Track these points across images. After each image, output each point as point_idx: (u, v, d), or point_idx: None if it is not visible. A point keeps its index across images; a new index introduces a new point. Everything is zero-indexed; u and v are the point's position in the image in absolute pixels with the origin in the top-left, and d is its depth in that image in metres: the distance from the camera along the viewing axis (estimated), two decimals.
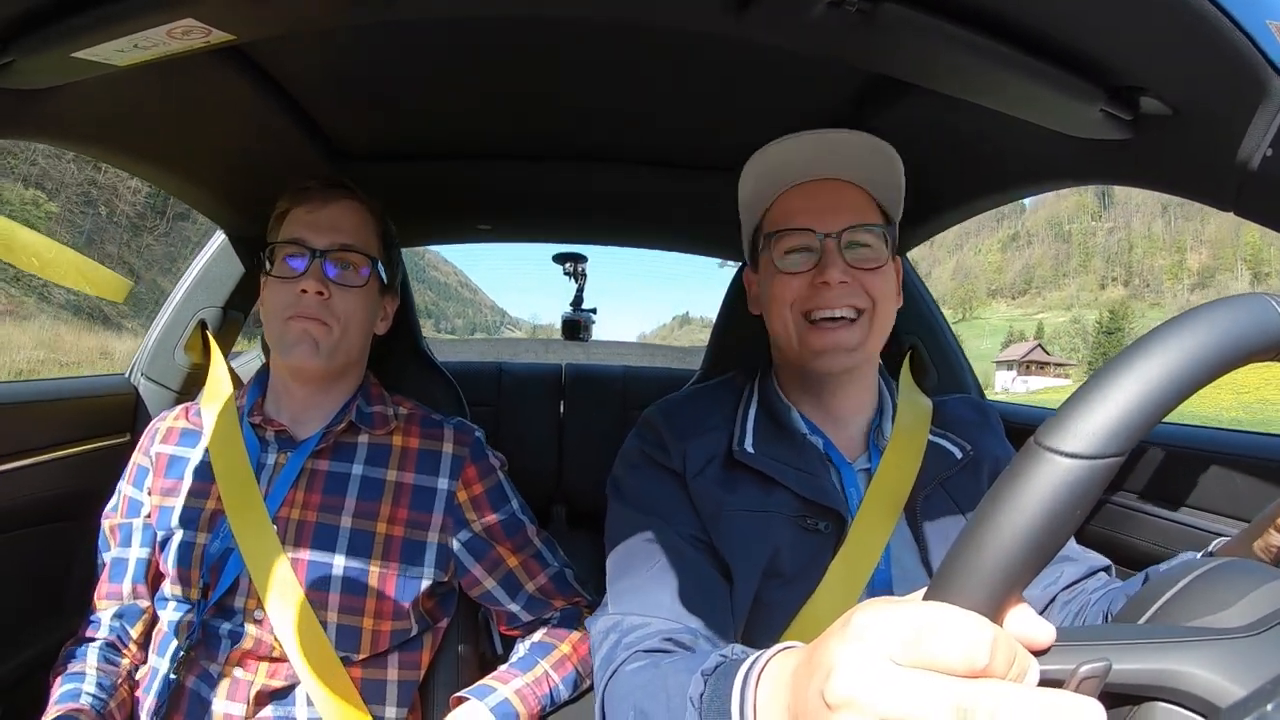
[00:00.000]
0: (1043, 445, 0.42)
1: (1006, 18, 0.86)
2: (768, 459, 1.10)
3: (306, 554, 1.20)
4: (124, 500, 1.32)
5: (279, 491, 1.23)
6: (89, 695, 1.16)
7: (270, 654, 1.18)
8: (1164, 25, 0.80)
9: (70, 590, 1.48)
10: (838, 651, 0.43)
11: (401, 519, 1.25)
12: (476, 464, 1.31)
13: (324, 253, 1.22)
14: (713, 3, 0.86)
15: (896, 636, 0.41)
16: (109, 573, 1.29)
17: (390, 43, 1.24)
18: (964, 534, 0.43)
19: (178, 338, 1.72)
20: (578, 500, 2.25)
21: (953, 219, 1.68)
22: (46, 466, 1.46)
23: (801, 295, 1.08)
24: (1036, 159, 1.28)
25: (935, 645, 0.40)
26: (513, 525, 1.32)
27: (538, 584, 1.31)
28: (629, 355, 3.95)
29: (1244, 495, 1.21)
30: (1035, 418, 1.72)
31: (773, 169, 1.12)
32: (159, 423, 1.36)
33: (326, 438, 1.26)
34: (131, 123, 1.24)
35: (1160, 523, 1.33)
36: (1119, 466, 0.42)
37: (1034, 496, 0.41)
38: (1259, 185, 0.87)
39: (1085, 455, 0.41)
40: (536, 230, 2.58)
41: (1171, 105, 0.92)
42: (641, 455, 1.15)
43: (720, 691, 0.64)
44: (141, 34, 0.83)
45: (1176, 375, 0.42)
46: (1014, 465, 0.43)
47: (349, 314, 1.24)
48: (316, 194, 1.27)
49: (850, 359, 1.09)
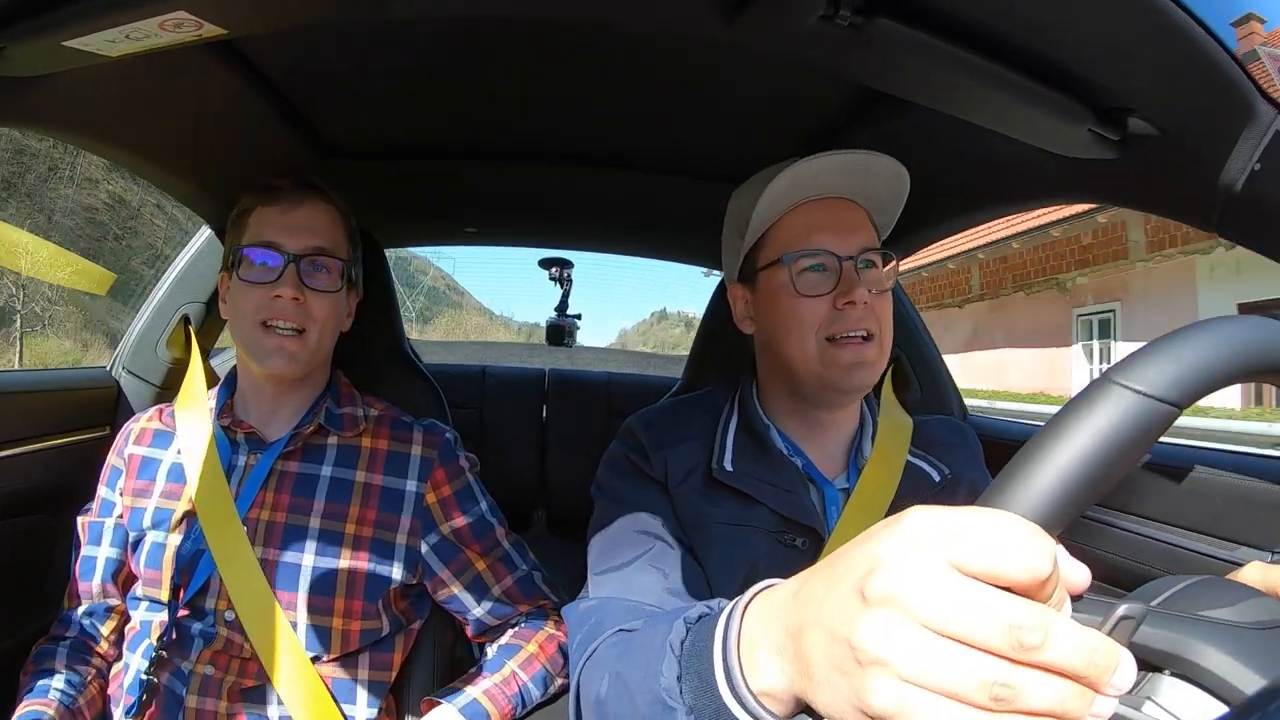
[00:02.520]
0: (1114, 380, 0.45)
1: (998, 36, 0.87)
2: (747, 478, 1.09)
3: (276, 554, 1.20)
4: (98, 499, 1.31)
5: (249, 493, 1.22)
6: (58, 691, 1.15)
7: (242, 654, 1.18)
8: (1154, 48, 0.81)
9: (50, 584, 1.46)
10: (887, 546, 0.40)
11: (370, 520, 1.24)
12: (445, 466, 1.31)
13: (299, 257, 1.21)
14: (702, 8, 0.86)
15: (958, 538, 0.39)
16: (79, 571, 1.29)
17: (382, 40, 1.24)
18: (1024, 452, 0.45)
19: (160, 332, 1.71)
20: (559, 504, 2.24)
21: (936, 234, 1.69)
22: (26, 459, 1.44)
23: (825, 318, 1.06)
24: (1023, 176, 1.29)
25: (1001, 551, 0.38)
26: (481, 528, 1.31)
27: (504, 587, 1.30)
28: (612, 361, 3.95)
29: (1223, 513, 1.22)
30: (1015, 434, 1.73)
31: (795, 184, 1.08)
32: (133, 424, 1.35)
33: (295, 440, 1.26)
34: (121, 114, 1.23)
35: (1137, 539, 1.34)
36: (1174, 420, 0.44)
37: (1100, 423, 0.43)
38: (1242, 207, 0.88)
39: (1152, 395, 0.44)
40: (523, 234, 2.58)
41: (1159, 127, 0.93)
42: (626, 461, 1.15)
43: (703, 633, 0.59)
44: (133, 25, 0.82)
45: (1250, 353, 0.45)
46: (1083, 393, 0.45)
47: (324, 318, 1.23)
48: (289, 194, 1.25)
49: (871, 375, 1.08)
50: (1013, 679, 0.36)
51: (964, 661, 0.37)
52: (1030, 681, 0.36)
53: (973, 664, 0.37)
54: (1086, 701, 0.37)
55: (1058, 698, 0.36)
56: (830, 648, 0.42)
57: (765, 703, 0.51)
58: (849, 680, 0.40)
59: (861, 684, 0.39)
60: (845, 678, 0.41)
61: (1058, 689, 0.36)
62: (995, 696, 0.36)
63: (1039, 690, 0.36)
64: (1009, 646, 0.36)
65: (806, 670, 0.44)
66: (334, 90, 1.43)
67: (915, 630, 0.38)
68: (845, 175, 1.09)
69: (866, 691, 0.39)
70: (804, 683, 0.45)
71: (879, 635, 0.39)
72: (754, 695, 0.51)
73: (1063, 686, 0.36)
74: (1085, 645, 0.37)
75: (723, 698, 0.53)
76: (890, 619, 0.38)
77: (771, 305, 1.12)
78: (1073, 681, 0.37)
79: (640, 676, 0.68)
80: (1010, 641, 0.36)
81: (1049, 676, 0.37)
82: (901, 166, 1.09)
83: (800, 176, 1.07)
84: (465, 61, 1.31)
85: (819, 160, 1.06)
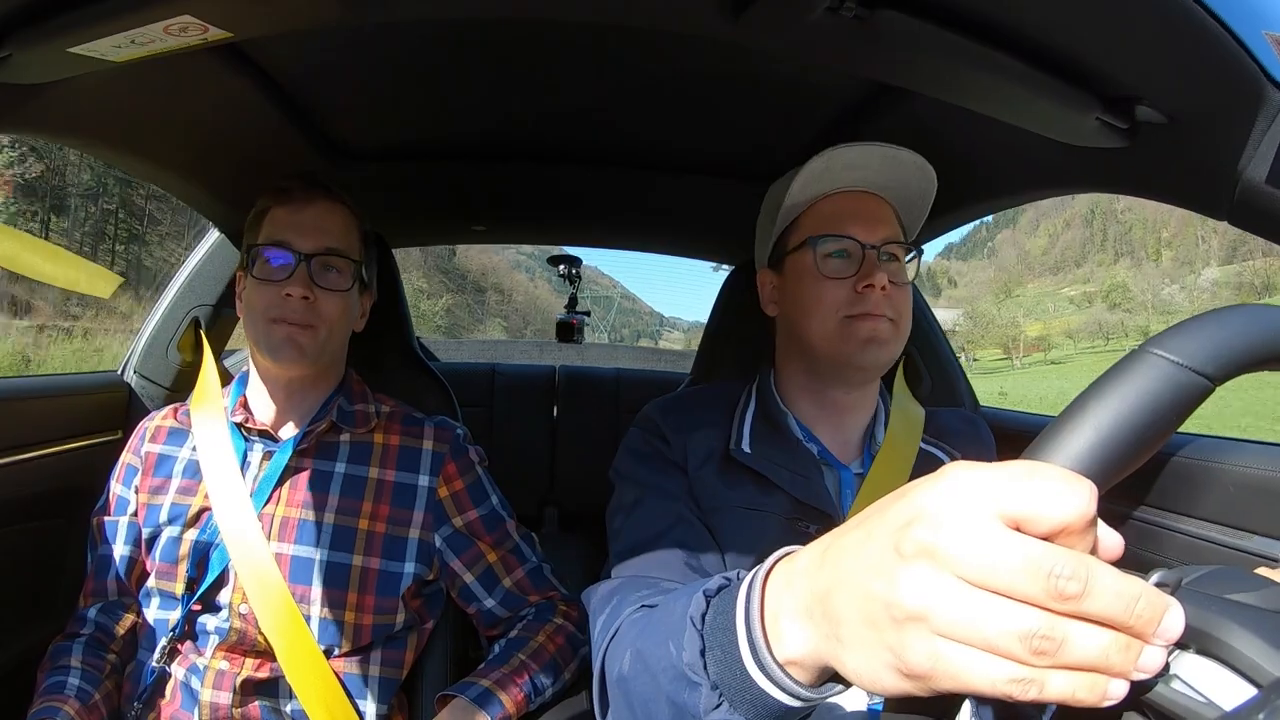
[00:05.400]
0: (1152, 350, 0.47)
1: (1003, 26, 0.86)
2: (764, 461, 1.11)
3: (290, 549, 1.22)
4: (112, 498, 1.32)
5: (264, 489, 1.24)
6: (74, 687, 1.17)
7: (255, 647, 1.19)
8: (1161, 36, 0.81)
9: (63, 586, 1.47)
10: (926, 498, 0.39)
11: (384, 515, 1.26)
12: (456, 460, 1.33)
13: (310, 256, 1.22)
14: (709, 6, 0.86)
15: (1000, 485, 0.38)
16: (94, 570, 1.30)
17: (388, 42, 1.24)
18: (1065, 413, 0.46)
19: (171, 335, 1.72)
20: (570, 502, 2.25)
21: (948, 224, 1.69)
22: (38, 463, 1.45)
23: (845, 300, 1.09)
24: (1032, 166, 1.28)
25: (1044, 493, 0.37)
26: (493, 520, 1.33)
27: (514, 579, 1.32)
28: (621, 358, 3.96)
29: (1237, 502, 1.21)
30: (1027, 425, 1.72)
31: (829, 171, 1.11)
32: (148, 422, 1.36)
33: (309, 437, 1.27)
34: (127, 119, 1.23)
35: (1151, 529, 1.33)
36: (1207, 395, 0.47)
37: (1138, 388, 0.46)
38: (1253, 195, 0.88)
39: (1187, 365, 0.46)
40: (530, 232, 2.59)
41: (1167, 115, 0.92)
42: (645, 444, 1.16)
43: (724, 606, 0.57)
44: (138, 30, 0.82)
45: None
46: (1121, 362, 0.48)
47: (334, 317, 1.25)
48: (299, 194, 1.26)
49: (887, 354, 1.10)
50: (1054, 630, 0.35)
51: (1003, 613, 0.36)
52: (1072, 633, 0.35)
53: (1013, 615, 0.36)
54: (1133, 653, 0.36)
55: (1101, 649, 0.35)
56: (864, 605, 0.41)
57: (792, 671, 0.50)
58: (883, 637, 0.40)
59: (898, 640, 0.39)
60: (880, 634, 0.40)
61: (1102, 641, 0.35)
62: (1036, 650, 0.35)
63: (1082, 642, 0.35)
64: (1049, 596, 0.35)
65: (835, 632, 0.43)
66: (341, 92, 1.43)
67: (953, 583, 0.37)
68: (876, 169, 1.11)
69: (903, 647, 0.38)
70: (832, 646, 0.44)
71: (915, 589, 0.38)
72: (779, 665, 0.50)
73: (1106, 637, 0.36)
74: (1129, 593, 0.36)
75: (748, 670, 0.52)
76: (928, 572, 0.38)
77: (796, 286, 1.15)
78: (1118, 632, 0.36)
79: (661, 652, 0.66)
80: (1050, 590, 0.35)
81: (1092, 627, 0.36)
82: (930, 166, 1.11)
83: (835, 164, 1.10)
84: (472, 62, 1.31)
85: (855, 149, 1.08)
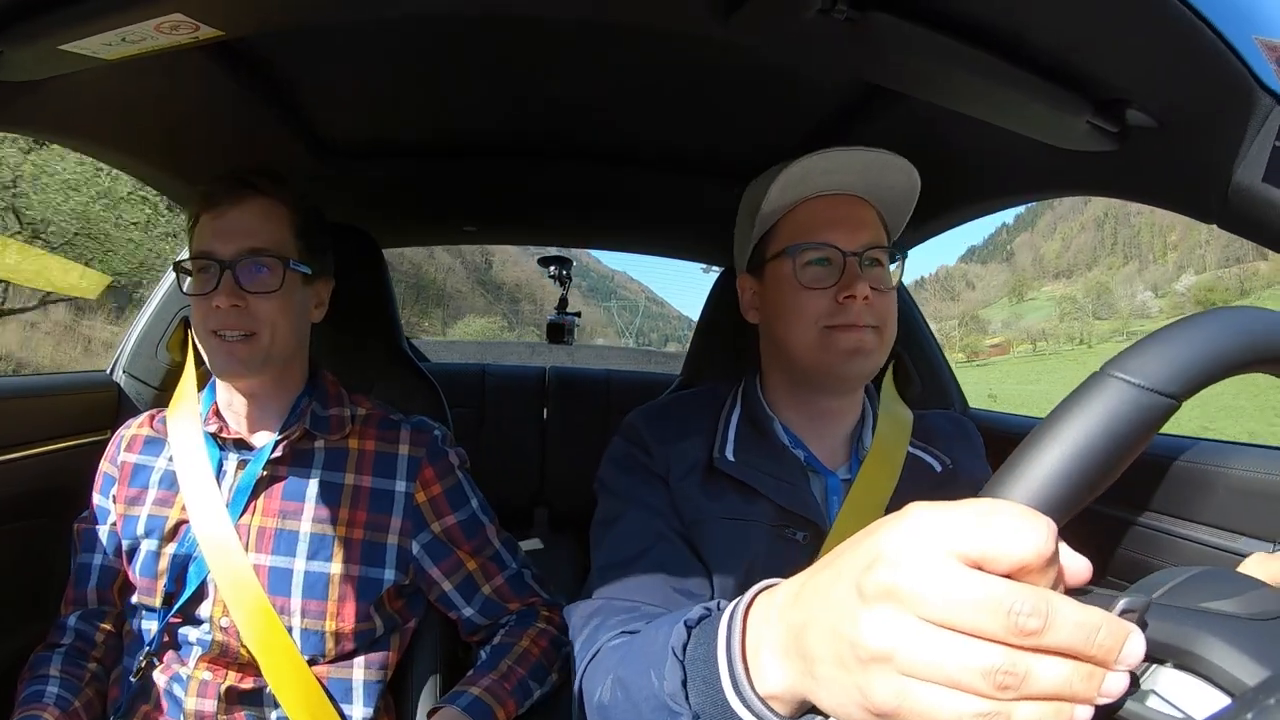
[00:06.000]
0: (1110, 373, 0.45)
1: (994, 30, 0.87)
2: (748, 468, 1.09)
3: (268, 560, 1.20)
4: (93, 506, 1.31)
5: (239, 500, 1.22)
6: (53, 695, 1.15)
7: (238, 659, 1.18)
8: (1151, 40, 0.81)
9: (54, 586, 1.46)
10: (885, 541, 0.40)
11: (360, 522, 1.24)
12: (434, 464, 1.29)
13: (232, 263, 1.17)
14: (700, 5, 0.86)
15: (959, 525, 0.38)
16: (74, 578, 1.29)
17: (379, 40, 1.24)
18: (1023, 445, 0.45)
19: (160, 334, 1.71)
20: (560, 503, 2.24)
21: (937, 228, 1.69)
22: (27, 463, 1.44)
23: (826, 310, 1.06)
24: (1023, 169, 1.29)
25: (1002, 532, 0.37)
26: (472, 526, 1.30)
27: (494, 586, 1.30)
28: (612, 359, 3.95)
29: (1225, 504, 1.22)
30: (1015, 427, 1.73)
31: (808, 177, 1.08)
32: (124, 430, 1.34)
33: (282, 445, 1.24)
34: (118, 117, 1.23)
35: (1139, 531, 1.34)
36: (1172, 414, 0.45)
37: (1098, 415, 0.44)
38: (1241, 199, 0.88)
39: (1149, 387, 0.44)
40: (522, 231, 2.59)
41: (1157, 119, 0.93)
42: (628, 456, 1.15)
43: (705, 637, 0.58)
44: (129, 28, 0.82)
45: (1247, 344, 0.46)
46: (1080, 387, 0.45)
47: (272, 318, 1.20)
48: (222, 197, 1.20)
49: (870, 364, 1.08)
50: (1016, 665, 0.36)
51: (965, 651, 0.37)
52: (1035, 666, 0.36)
53: (974, 653, 0.36)
54: (1095, 682, 0.37)
55: (1064, 679, 0.36)
56: (833, 645, 0.42)
57: (773, 705, 0.50)
58: (851, 677, 0.40)
59: (863, 680, 0.39)
60: (848, 675, 0.41)
61: (1063, 671, 0.36)
62: (1000, 684, 0.36)
63: (1045, 673, 0.36)
64: (1010, 633, 0.36)
65: (810, 670, 0.44)
66: (331, 90, 1.42)
67: (914, 623, 0.38)
68: (857, 173, 1.08)
69: (869, 687, 0.39)
70: (808, 682, 0.45)
71: (878, 630, 0.39)
72: (760, 699, 0.51)
73: (1068, 667, 0.36)
74: (1089, 624, 0.36)
75: (729, 702, 0.52)
76: (889, 613, 0.38)
77: (775, 295, 1.12)
78: (1080, 662, 0.37)
79: (643, 681, 0.67)
80: (1010, 627, 0.36)
81: (1054, 659, 0.37)
82: (912, 167, 1.09)
83: (813, 170, 1.07)
84: (462, 60, 1.31)
85: (832, 155, 1.05)
